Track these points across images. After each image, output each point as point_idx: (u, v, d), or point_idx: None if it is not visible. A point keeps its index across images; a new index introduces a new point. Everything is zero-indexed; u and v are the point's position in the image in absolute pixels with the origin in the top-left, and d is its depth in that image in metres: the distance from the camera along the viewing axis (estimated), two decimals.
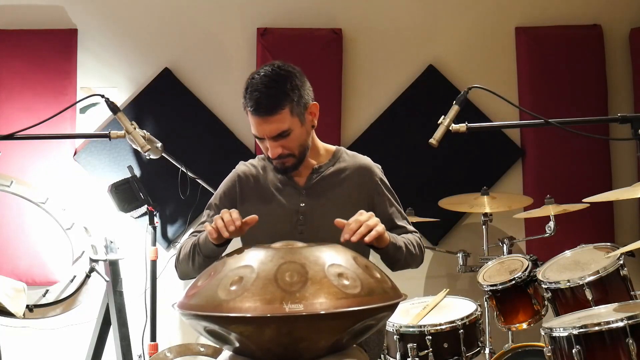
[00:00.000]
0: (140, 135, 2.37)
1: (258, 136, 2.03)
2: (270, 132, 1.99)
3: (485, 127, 2.46)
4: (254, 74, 2.02)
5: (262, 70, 2.01)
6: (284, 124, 1.98)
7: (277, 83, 1.97)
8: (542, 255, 3.00)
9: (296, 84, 2.00)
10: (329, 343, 1.58)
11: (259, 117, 1.97)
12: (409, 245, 2.06)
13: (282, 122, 1.97)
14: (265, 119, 1.97)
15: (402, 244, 2.02)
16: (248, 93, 1.99)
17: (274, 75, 1.99)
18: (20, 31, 3.58)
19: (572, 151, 3.74)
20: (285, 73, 2.01)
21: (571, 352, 2.15)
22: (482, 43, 3.85)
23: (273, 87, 1.96)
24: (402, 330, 2.77)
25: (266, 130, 1.98)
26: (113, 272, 3.20)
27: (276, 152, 2.01)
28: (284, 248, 1.70)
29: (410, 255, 2.06)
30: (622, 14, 3.88)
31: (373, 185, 2.15)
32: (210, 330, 1.58)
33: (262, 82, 1.97)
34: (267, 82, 1.97)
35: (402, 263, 2.05)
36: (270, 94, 1.96)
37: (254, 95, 1.96)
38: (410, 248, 2.07)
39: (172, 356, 2.98)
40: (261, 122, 1.98)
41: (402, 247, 2.02)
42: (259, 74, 2.00)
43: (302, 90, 2.02)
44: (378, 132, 3.76)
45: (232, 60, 3.75)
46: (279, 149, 2.01)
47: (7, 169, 3.33)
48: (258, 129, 2.00)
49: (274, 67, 2.02)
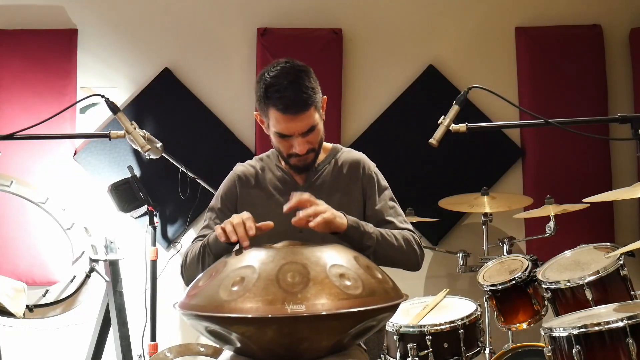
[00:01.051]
0: (140, 135, 2.37)
1: (286, 134, 2.00)
2: (301, 129, 1.99)
3: (485, 127, 2.46)
4: (268, 72, 2.00)
5: (280, 68, 1.99)
6: (312, 119, 1.99)
7: (302, 79, 1.97)
8: (542, 255, 3.00)
9: (314, 78, 2.02)
10: (330, 343, 1.58)
11: (289, 115, 1.96)
12: (386, 235, 1.99)
13: (311, 117, 1.99)
14: (296, 116, 1.96)
15: (372, 230, 1.96)
16: (272, 92, 1.96)
17: (296, 72, 1.98)
18: (20, 31, 3.59)
19: (572, 151, 3.74)
20: (304, 69, 2.01)
21: (571, 352, 2.15)
22: (482, 43, 3.85)
23: (300, 84, 1.96)
24: (402, 330, 2.77)
25: (298, 127, 1.98)
26: (113, 272, 3.20)
27: (305, 148, 2.01)
28: (286, 248, 1.70)
29: (389, 246, 1.98)
30: (622, 14, 3.89)
31: (366, 179, 2.15)
32: (212, 330, 1.58)
33: (287, 80, 1.96)
34: (292, 79, 1.96)
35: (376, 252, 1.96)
36: (299, 90, 1.95)
37: (281, 95, 1.95)
38: (389, 239, 1.99)
39: (172, 356, 2.98)
40: (291, 120, 1.97)
41: (372, 234, 1.95)
42: (277, 71, 1.98)
43: (318, 85, 2.04)
44: (378, 132, 3.76)
45: (232, 60, 3.75)
46: (307, 145, 2.02)
47: (7, 169, 3.33)
48: (287, 126, 1.98)
49: (290, 64, 2.01)
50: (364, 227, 1.95)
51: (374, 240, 1.96)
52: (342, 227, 1.89)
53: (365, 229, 1.95)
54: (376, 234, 1.97)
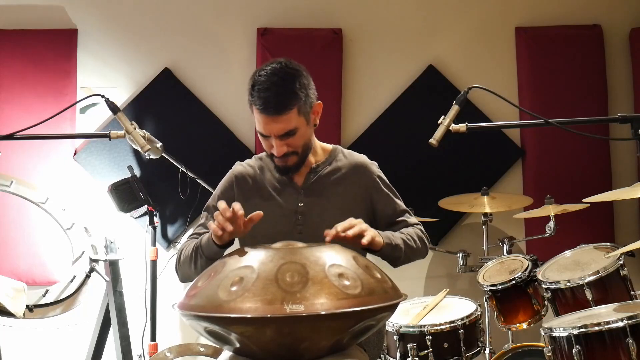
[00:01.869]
0: (140, 135, 2.37)
1: (264, 134, 2.01)
2: (278, 131, 1.98)
3: (485, 127, 2.45)
4: (260, 71, 2.00)
5: (270, 68, 1.98)
6: (291, 123, 1.97)
7: (286, 82, 1.96)
8: (542, 255, 3.00)
9: (304, 82, 1.99)
10: (330, 343, 1.58)
11: (267, 115, 1.96)
12: (408, 240, 2.05)
13: (290, 121, 1.97)
14: (274, 117, 1.95)
15: (399, 241, 2.01)
16: (256, 91, 1.96)
17: (283, 74, 1.97)
18: (20, 31, 3.59)
19: (572, 151, 3.74)
20: (294, 72, 1.99)
21: (571, 352, 2.15)
22: (482, 43, 3.85)
23: (282, 86, 1.95)
24: (402, 330, 2.77)
25: (274, 128, 1.98)
26: (113, 272, 3.20)
27: (281, 151, 2.00)
28: (284, 248, 1.70)
29: (410, 250, 2.06)
30: (622, 14, 3.88)
31: (371, 183, 2.15)
32: (211, 330, 1.58)
33: (271, 80, 1.95)
34: (276, 80, 1.95)
35: (403, 259, 2.05)
36: (280, 92, 1.94)
37: (262, 94, 1.94)
38: (410, 243, 2.06)
39: (172, 356, 2.98)
40: (269, 121, 1.97)
41: (400, 245, 2.01)
42: (266, 71, 1.98)
43: (309, 89, 2.01)
44: (378, 132, 3.76)
45: (232, 60, 3.75)
46: (284, 147, 2.00)
47: (7, 169, 3.33)
48: (265, 127, 1.99)
49: (282, 64, 1.99)
50: (394, 241, 2.00)
51: (402, 251, 2.02)
52: (380, 245, 1.94)
53: (395, 242, 2.00)
54: (402, 244, 2.03)
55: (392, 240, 1.99)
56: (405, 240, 2.05)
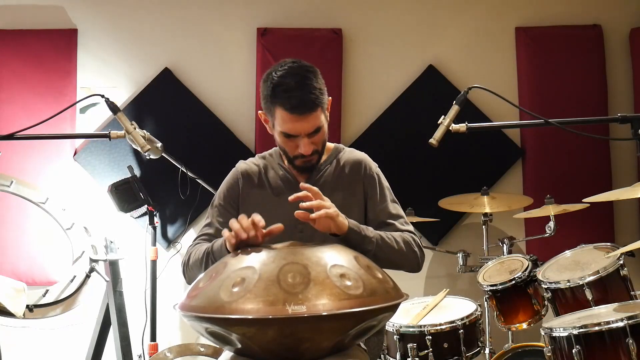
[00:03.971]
0: (140, 135, 2.37)
1: (292, 134, 2.01)
2: (308, 129, 1.99)
3: (485, 127, 2.46)
4: (275, 72, 1.99)
5: (287, 67, 1.99)
6: (319, 120, 2.00)
7: (310, 80, 1.97)
8: (542, 255, 3.00)
9: (321, 80, 2.02)
10: (331, 344, 1.57)
11: (296, 115, 1.96)
12: (386, 238, 1.98)
13: (317, 118, 1.99)
14: (304, 116, 1.96)
15: (372, 234, 1.96)
16: (280, 92, 1.96)
17: (305, 73, 1.98)
18: (20, 31, 3.59)
19: (572, 151, 3.74)
20: (313, 70, 2.01)
21: (571, 352, 2.15)
22: (482, 43, 3.85)
23: (308, 85, 1.96)
24: (402, 330, 2.77)
25: (304, 127, 1.98)
26: (113, 272, 3.20)
27: (310, 149, 2.01)
28: (286, 249, 1.70)
29: (389, 249, 1.97)
30: (622, 14, 3.89)
31: (368, 180, 2.14)
32: (212, 331, 1.58)
33: (295, 79, 1.96)
34: (301, 80, 1.96)
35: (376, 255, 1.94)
36: (308, 91, 1.96)
37: (291, 94, 1.95)
38: (389, 242, 1.98)
39: (172, 356, 2.98)
40: (298, 120, 1.97)
41: (372, 238, 1.95)
42: (285, 70, 1.98)
43: (324, 86, 2.04)
44: (378, 132, 3.76)
45: (232, 60, 3.75)
46: (312, 146, 2.02)
47: (7, 169, 3.33)
48: (293, 126, 1.98)
49: (298, 64, 2.01)
50: (364, 231, 1.95)
51: (374, 244, 1.96)
52: (343, 227, 1.89)
53: (365, 232, 1.95)
54: (376, 237, 1.97)
55: (361, 230, 1.93)
56: (383, 237, 1.98)
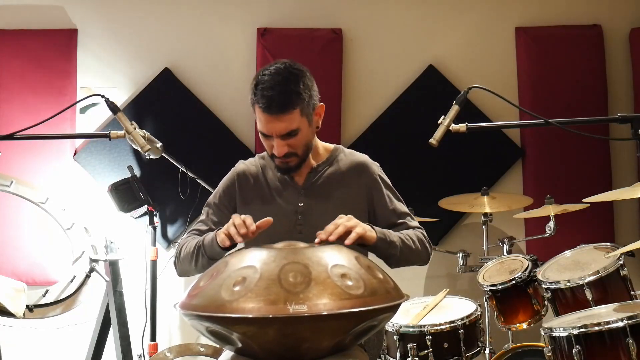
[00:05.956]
0: (140, 135, 2.37)
1: (265, 133, 2.01)
2: (280, 131, 1.97)
3: (485, 127, 2.45)
4: (263, 71, 1.99)
5: (273, 68, 1.98)
6: (293, 123, 1.97)
7: (290, 82, 1.96)
8: (542, 255, 3.00)
9: (307, 84, 1.99)
10: (332, 344, 1.57)
11: (269, 114, 1.95)
12: (405, 240, 2.02)
13: (292, 121, 1.96)
14: (277, 117, 1.95)
15: (395, 239, 1.99)
16: (259, 90, 1.96)
17: (287, 74, 1.97)
18: (20, 31, 3.59)
19: (572, 151, 3.74)
20: (298, 72, 1.99)
21: (571, 352, 2.15)
22: (482, 43, 3.86)
23: (286, 86, 1.94)
24: (402, 330, 2.77)
25: (276, 128, 1.97)
26: (113, 272, 3.20)
27: (282, 151, 2.00)
28: (287, 248, 1.70)
29: (408, 250, 2.02)
30: (622, 14, 3.89)
31: (371, 183, 2.15)
32: (213, 330, 1.57)
33: (275, 79, 1.95)
34: (280, 80, 1.95)
35: (398, 258, 2.00)
36: (283, 92, 1.94)
37: (266, 93, 1.94)
38: (408, 243, 2.03)
39: (172, 356, 2.98)
40: (271, 120, 1.96)
41: (396, 242, 1.98)
42: (270, 70, 1.98)
43: (312, 90, 2.01)
44: (378, 132, 3.76)
45: (232, 60, 3.75)
46: (285, 148, 2.00)
47: (7, 169, 3.33)
48: (267, 126, 1.99)
49: (286, 65, 1.99)
50: (389, 237, 1.97)
51: (398, 248, 1.99)
52: (372, 240, 1.91)
53: (390, 238, 1.97)
54: (399, 242, 2.00)
55: (387, 236, 1.97)
56: (402, 239, 2.02)
